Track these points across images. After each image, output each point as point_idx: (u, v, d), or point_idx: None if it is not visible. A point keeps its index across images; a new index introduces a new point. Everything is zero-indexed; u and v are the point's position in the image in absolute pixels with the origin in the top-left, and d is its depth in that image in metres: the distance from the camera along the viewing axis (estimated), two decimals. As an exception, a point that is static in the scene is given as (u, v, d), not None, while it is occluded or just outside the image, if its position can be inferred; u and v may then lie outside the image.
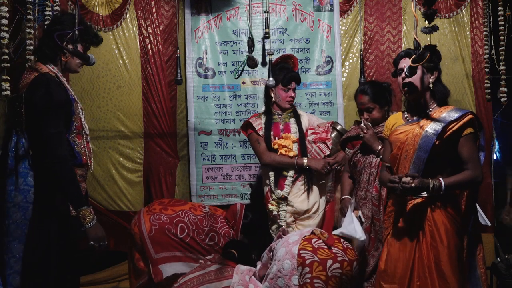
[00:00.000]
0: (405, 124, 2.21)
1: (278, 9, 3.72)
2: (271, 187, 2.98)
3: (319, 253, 2.30)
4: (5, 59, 2.57)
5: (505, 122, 3.87)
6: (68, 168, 2.06)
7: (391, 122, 2.30)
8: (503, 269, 3.29)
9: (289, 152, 2.93)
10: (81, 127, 2.20)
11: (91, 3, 3.62)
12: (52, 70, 2.14)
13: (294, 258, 2.28)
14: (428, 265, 2.08)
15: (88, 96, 3.63)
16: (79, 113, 2.20)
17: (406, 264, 2.11)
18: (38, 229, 2.05)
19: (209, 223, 3.01)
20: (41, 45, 2.19)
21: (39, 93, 2.04)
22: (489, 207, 3.51)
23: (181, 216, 2.95)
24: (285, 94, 2.99)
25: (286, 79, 2.96)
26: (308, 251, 2.31)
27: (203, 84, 3.70)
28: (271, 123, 3.02)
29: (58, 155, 2.02)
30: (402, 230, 2.16)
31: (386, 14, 3.71)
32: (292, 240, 2.38)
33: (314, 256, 2.28)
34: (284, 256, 2.31)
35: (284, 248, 2.35)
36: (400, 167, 2.16)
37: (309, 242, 2.36)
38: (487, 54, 3.56)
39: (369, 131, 2.67)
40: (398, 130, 2.20)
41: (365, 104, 2.72)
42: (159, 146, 3.66)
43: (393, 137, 2.22)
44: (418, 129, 2.12)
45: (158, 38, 3.66)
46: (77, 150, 2.15)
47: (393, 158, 2.20)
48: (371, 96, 2.71)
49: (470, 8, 3.64)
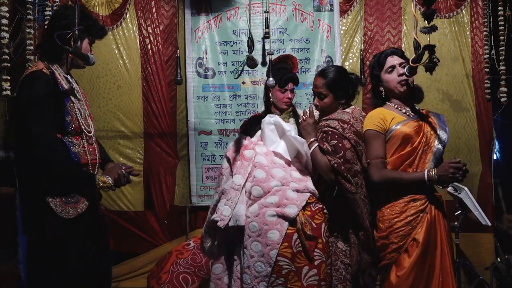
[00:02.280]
0: (410, 119, 2.19)
1: (278, 9, 3.72)
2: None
3: (297, 260, 2.08)
4: (5, 59, 2.57)
5: (505, 122, 3.87)
6: (57, 161, 1.99)
7: (388, 116, 2.18)
8: (503, 269, 3.29)
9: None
10: (79, 128, 2.11)
11: (91, 3, 3.62)
12: (47, 67, 2.08)
13: (270, 265, 2.04)
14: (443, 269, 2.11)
15: (88, 96, 3.60)
16: (76, 113, 2.11)
17: (438, 270, 2.10)
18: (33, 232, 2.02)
19: (201, 256, 3.02)
20: (43, 43, 2.15)
21: (23, 91, 2.00)
22: (489, 207, 3.50)
23: (175, 270, 2.95)
24: (281, 95, 2.99)
25: (282, 80, 2.96)
26: (287, 258, 2.06)
27: (203, 84, 3.70)
28: (271, 123, 3.01)
29: (39, 154, 1.96)
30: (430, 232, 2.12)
31: (386, 14, 3.71)
32: (271, 239, 2.07)
33: (292, 265, 2.07)
34: (259, 258, 2.06)
35: (259, 245, 2.07)
36: (417, 162, 2.15)
37: (289, 243, 2.08)
38: (487, 54, 3.56)
39: (310, 119, 2.30)
40: (406, 125, 2.16)
41: (318, 87, 2.34)
42: (159, 146, 3.66)
43: (401, 134, 2.15)
44: (430, 124, 2.19)
45: (158, 38, 3.66)
46: (73, 151, 2.06)
47: (408, 154, 2.15)
48: (327, 81, 2.31)
49: (470, 8, 3.64)
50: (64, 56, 2.13)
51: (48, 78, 2.03)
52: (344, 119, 2.23)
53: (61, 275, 2.00)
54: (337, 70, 2.36)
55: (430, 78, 3.48)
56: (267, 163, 2.22)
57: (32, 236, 2.03)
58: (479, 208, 3.07)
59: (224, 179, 2.25)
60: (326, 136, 2.22)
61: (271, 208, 2.09)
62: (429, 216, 2.11)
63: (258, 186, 2.15)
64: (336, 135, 2.19)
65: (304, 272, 2.07)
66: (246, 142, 2.33)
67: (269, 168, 2.21)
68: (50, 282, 2.00)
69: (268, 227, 2.07)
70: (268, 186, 2.16)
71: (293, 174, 2.24)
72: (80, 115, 2.13)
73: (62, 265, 2.00)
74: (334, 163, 2.14)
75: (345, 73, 2.38)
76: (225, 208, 2.13)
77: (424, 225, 2.09)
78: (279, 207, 2.10)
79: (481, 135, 3.59)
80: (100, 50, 3.59)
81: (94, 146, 2.19)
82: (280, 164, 2.25)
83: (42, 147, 1.96)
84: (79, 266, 2.05)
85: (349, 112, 2.29)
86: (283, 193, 2.14)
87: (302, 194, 2.18)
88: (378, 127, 2.18)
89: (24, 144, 1.99)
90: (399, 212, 2.12)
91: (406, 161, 2.15)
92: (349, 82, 2.37)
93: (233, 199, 2.13)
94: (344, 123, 2.21)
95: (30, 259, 2.03)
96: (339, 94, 2.33)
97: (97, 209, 2.18)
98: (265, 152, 2.26)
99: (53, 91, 2.03)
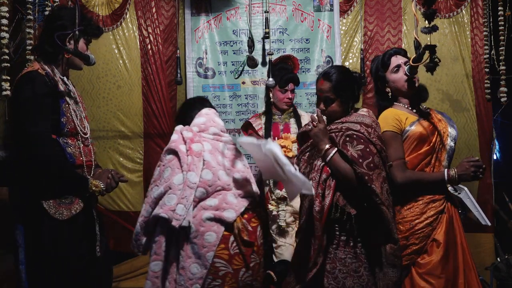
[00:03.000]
0: (421, 119, 2.20)
1: (278, 9, 3.72)
2: (270, 187, 2.98)
3: (234, 262, 2.01)
4: (5, 59, 2.57)
5: (505, 122, 3.87)
6: (55, 161, 2.00)
7: (403, 116, 2.16)
8: (503, 269, 3.29)
9: (288, 152, 2.93)
10: (75, 130, 2.11)
11: (91, 3, 3.62)
12: (43, 68, 2.07)
13: (206, 267, 1.96)
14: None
15: (88, 96, 3.63)
16: (72, 114, 2.11)
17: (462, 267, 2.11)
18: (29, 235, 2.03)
19: None
20: (40, 43, 2.15)
21: (19, 91, 2.01)
22: (489, 207, 3.50)
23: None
24: (282, 96, 2.99)
25: (283, 81, 2.96)
26: (224, 260, 1.99)
27: (203, 84, 3.70)
28: (271, 123, 3.02)
29: (39, 155, 1.96)
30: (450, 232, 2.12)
31: (386, 14, 3.71)
32: (208, 241, 1.97)
33: (229, 267, 2.00)
34: (195, 260, 1.98)
35: (196, 246, 1.97)
36: (433, 161, 2.16)
37: (226, 245, 2.00)
38: (487, 54, 3.56)
39: (320, 124, 2.07)
40: (420, 125, 2.16)
41: (324, 92, 2.12)
42: (159, 146, 3.66)
43: (416, 133, 2.15)
44: (440, 122, 2.20)
45: (158, 38, 3.66)
46: (68, 152, 2.07)
47: (425, 154, 2.15)
48: (334, 85, 2.10)
49: (470, 8, 3.64)
50: (60, 57, 2.13)
51: (44, 79, 2.04)
52: (367, 123, 2.06)
53: (60, 276, 2.00)
54: (342, 71, 2.17)
55: (430, 78, 3.48)
56: (214, 164, 2.10)
57: (28, 237, 2.03)
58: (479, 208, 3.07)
59: (168, 172, 2.05)
60: (350, 140, 2.01)
61: (210, 210, 2.01)
62: (447, 216, 2.12)
63: (204, 188, 2.03)
64: (362, 139, 2.00)
65: (241, 274, 2.03)
66: (190, 134, 2.13)
67: (216, 170, 2.09)
68: (50, 283, 2.00)
69: (205, 229, 1.99)
70: (213, 189, 2.06)
71: (236, 177, 2.13)
72: (75, 116, 2.13)
73: (60, 266, 2.00)
74: (360, 171, 1.94)
75: (350, 73, 2.21)
76: (179, 207, 1.97)
77: (444, 225, 2.10)
78: (217, 210, 2.02)
79: (481, 135, 3.59)
80: (100, 50, 3.60)
81: (90, 148, 2.19)
82: (224, 166, 2.13)
83: (41, 147, 1.96)
84: (77, 267, 2.05)
85: (367, 115, 2.13)
86: (223, 197, 2.06)
87: (242, 199, 2.09)
88: (395, 127, 2.14)
89: (22, 145, 2.00)
90: (419, 214, 2.11)
91: (424, 160, 2.15)
92: (355, 83, 2.20)
93: (188, 198, 1.99)
94: (368, 127, 2.04)
95: (28, 260, 2.02)
96: (347, 97, 2.14)
97: (92, 210, 2.17)
98: (210, 150, 2.13)
99: (49, 92, 2.03)
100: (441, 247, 2.08)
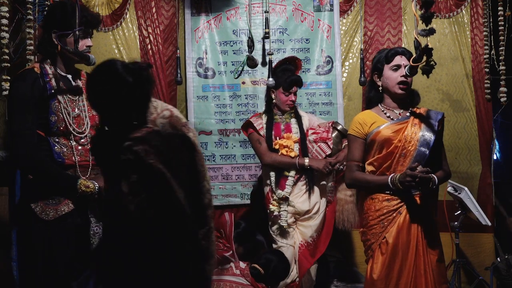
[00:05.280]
0: (393, 122, 2.18)
1: (278, 9, 3.72)
2: (272, 188, 2.97)
3: None
4: (5, 59, 2.57)
5: (505, 122, 3.87)
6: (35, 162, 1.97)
7: (369, 121, 2.20)
8: (503, 269, 3.29)
9: (290, 152, 2.93)
10: (66, 129, 2.05)
11: (91, 3, 3.62)
12: (41, 66, 2.05)
13: None
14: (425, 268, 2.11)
15: (88, 96, 3.63)
16: (63, 113, 2.04)
17: (409, 269, 2.10)
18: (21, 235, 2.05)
19: None
20: (40, 41, 2.14)
21: (10, 90, 2.03)
22: (489, 207, 3.50)
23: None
24: (285, 98, 2.98)
25: (287, 83, 2.95)
26: None
27: (203, 84, 3.69)
28: (272, 123, 3.01)
29: (18, 154, 1.94)
30: (402, 233, 2.12)
31: (386, 14, 3.71)
32: None
33: None
34: None
35: None
36: (395, 166, 2.14)
37: None
38: (487, 54, 3.56)
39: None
40: (387, 129, 2.16)
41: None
42: (159, 146, 3.65)
43: (380, 137, 2.16)
44: (414, 126, 2.16)
45: (158, 38, 3.66)
46: (57, 151, 2.02)
47: (384, 158, 2.16)
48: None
49: (470, 8, 3.64)
50: (56, 54, 2.10)
51: (35, 77, 2.01)
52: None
53: (48, 276, 1.98)
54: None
55: (430, 78, 3.44)
56: None
57: (20, 236, 2.04)
58: (479, 208, 3.07)
59: None
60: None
61: None
62: (402, 218, 2.12)
63: None
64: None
65: None
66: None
67: None
68: (39, 282, 1.99)
69: None
70: None
71: None
72: (67, 115, 2.06)
73: (47, 266, 1.98)
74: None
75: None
76: None
77: (395, 226, 2.11)
78: None
79: (481, 135, 3.59)
80: (100, 50, 3.59)
81: (86, 147, 2.10)
82: None
83: (20, 145, 1.95)
84: (65, 268, 2.00)
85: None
86: None
87: None
88: (355, 131, 2.23)
89: (10, 144, 2.00)
90: (374, 210, 2.16)
91: (384, 164, 2.15)
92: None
93: None
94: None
95: (20, 258, 2.04)
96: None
97: (87, 212, 2.08)
98: None
99: (38, 90, 2.00)
100: (389, 246, 2.11)
